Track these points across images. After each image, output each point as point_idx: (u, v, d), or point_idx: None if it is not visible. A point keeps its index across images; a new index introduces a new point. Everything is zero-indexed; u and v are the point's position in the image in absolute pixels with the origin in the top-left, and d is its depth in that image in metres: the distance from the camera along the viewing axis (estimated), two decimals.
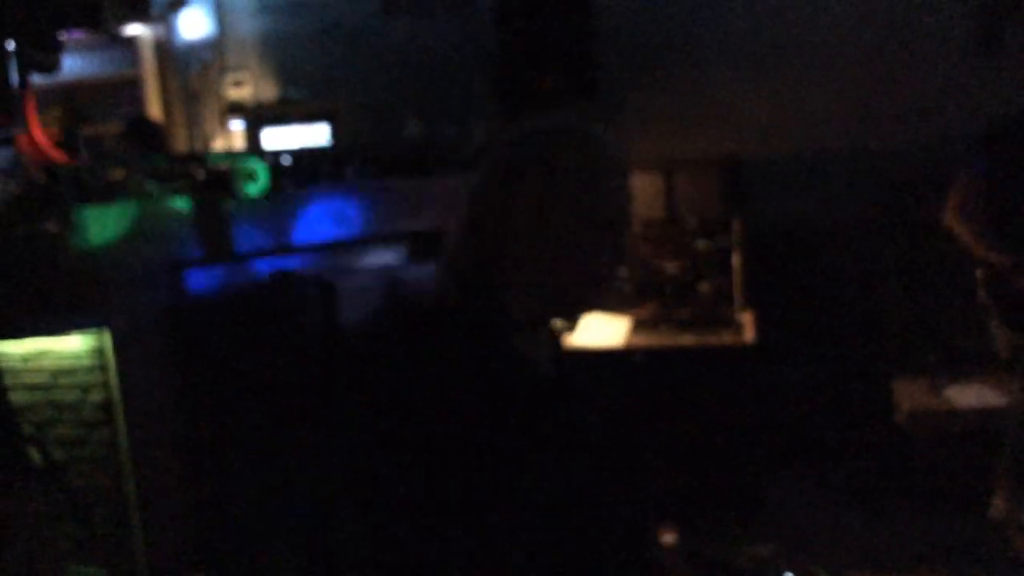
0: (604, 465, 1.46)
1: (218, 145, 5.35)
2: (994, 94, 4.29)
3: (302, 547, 3.23)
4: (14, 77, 3.85)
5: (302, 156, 4.39)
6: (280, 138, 5.01)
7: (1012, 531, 3.78)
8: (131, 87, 5.60)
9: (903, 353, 4.43)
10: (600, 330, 4.34)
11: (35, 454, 3.09)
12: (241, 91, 5.23)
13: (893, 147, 4.58)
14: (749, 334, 4.24)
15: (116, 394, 3.35)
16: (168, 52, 5.44)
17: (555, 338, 1.52)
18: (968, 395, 4.12)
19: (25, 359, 3.45)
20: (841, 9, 4.65)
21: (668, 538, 2.88)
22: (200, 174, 4.18)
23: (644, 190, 4.65)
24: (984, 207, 3.55)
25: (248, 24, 5.25)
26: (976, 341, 3.91)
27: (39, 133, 3.72)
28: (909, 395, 4.27)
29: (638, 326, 4.48)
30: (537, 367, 1.39)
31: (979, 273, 3.62)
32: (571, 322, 1.41)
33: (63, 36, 4.04)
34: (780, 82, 4.77)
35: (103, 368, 3.37)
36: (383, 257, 3.90)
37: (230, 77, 5.29)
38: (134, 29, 5.33)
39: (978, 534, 3.79)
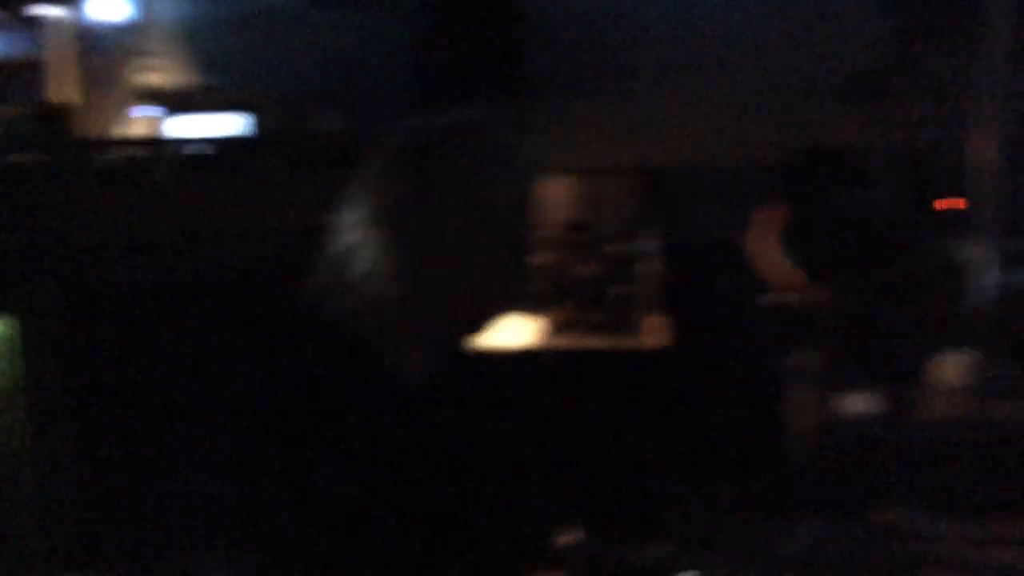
0: (505, 467, 1.46)
1: (131, 131, 5.22)
2: (910, 112, 4.62)
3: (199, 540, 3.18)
4: None
5: (219, 145, 4.33)
6: (198, 126, 4.92)
7: (897, 535, 3.95)
8: (40, 69, 5.43)
9: (802, 361, 4.57)
10: (513, 332, 4.38)
11: None
12: (157, 77, 5.11)
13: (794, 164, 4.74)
14: (658, 337, 4.33)
15: (21, 383, 3.26)
16: (82, 35, 5.29)
17: (442, 347, 1.46)
18: (858, 403, 4.27)
19: None
20: (761, 33, 4.80)
21: (570, 537, 2.93)
22: (109, 160, 4.09)
23: (561, 195, 4.70)
24: (780, 234, 3.78)
25: (167, 9, 5.13)
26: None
27: None
28: (804, 401, 4.41)
29: (551, 328, 4.53)
30: (406, 376, 1.29)
31: (771, 297, 3.83)
32: (472, 335, 1.30)
33: None
34: (698, 100, 4.90)
35: (8, 356, 3.28)
36: (300, 249, 3.86)
37: (146, 62, 5.17)
38: (43, 9, 5.16)
39: (867, 538, 3.94)
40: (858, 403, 4.00)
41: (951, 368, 4.58)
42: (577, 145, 4.93)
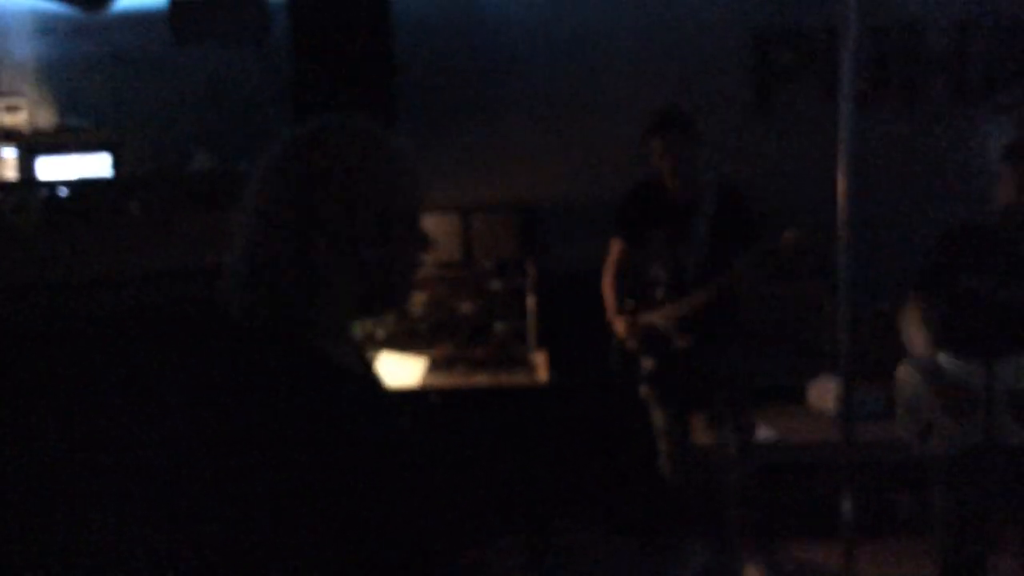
0: (386, 505, 1.45)
1: None
2: (767, 148, 4.80)
3: None
4: None
5: (81, 187, 4.16)
6: (57, 168, 4.72)
7: (767, 560, 4.04)
8: None
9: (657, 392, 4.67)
10: (397, 370, 4.33)
11: None
12: (15, 117, 4.90)
13: None
14: (542, 373, 4.35)
15: None
16: None
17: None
18: (721, 431, 4.35)
19: None
20: (632, 71, 4.94)
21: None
22: None
23: (442, 232, 4.70)
24: (615, 269, 4.01)
25: (25, 47, 4.95)
26: (758, 380, 4.21)
27: None
28: (671, 432, 4.47)
29: (434, 366, 4.50)
30: (352, 371, 1.38)
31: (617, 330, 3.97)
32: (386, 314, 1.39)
33: None
34: (573, 136, 5.00)
35: None
36: (167, 294, 3.74)
37: (2, 102, 4.96)
38: None
39: (743, 564, 4.01)
40: (722, 431, 4.09)
41: (814, 394, 4.75)
42: (456, 182, 4.95)
